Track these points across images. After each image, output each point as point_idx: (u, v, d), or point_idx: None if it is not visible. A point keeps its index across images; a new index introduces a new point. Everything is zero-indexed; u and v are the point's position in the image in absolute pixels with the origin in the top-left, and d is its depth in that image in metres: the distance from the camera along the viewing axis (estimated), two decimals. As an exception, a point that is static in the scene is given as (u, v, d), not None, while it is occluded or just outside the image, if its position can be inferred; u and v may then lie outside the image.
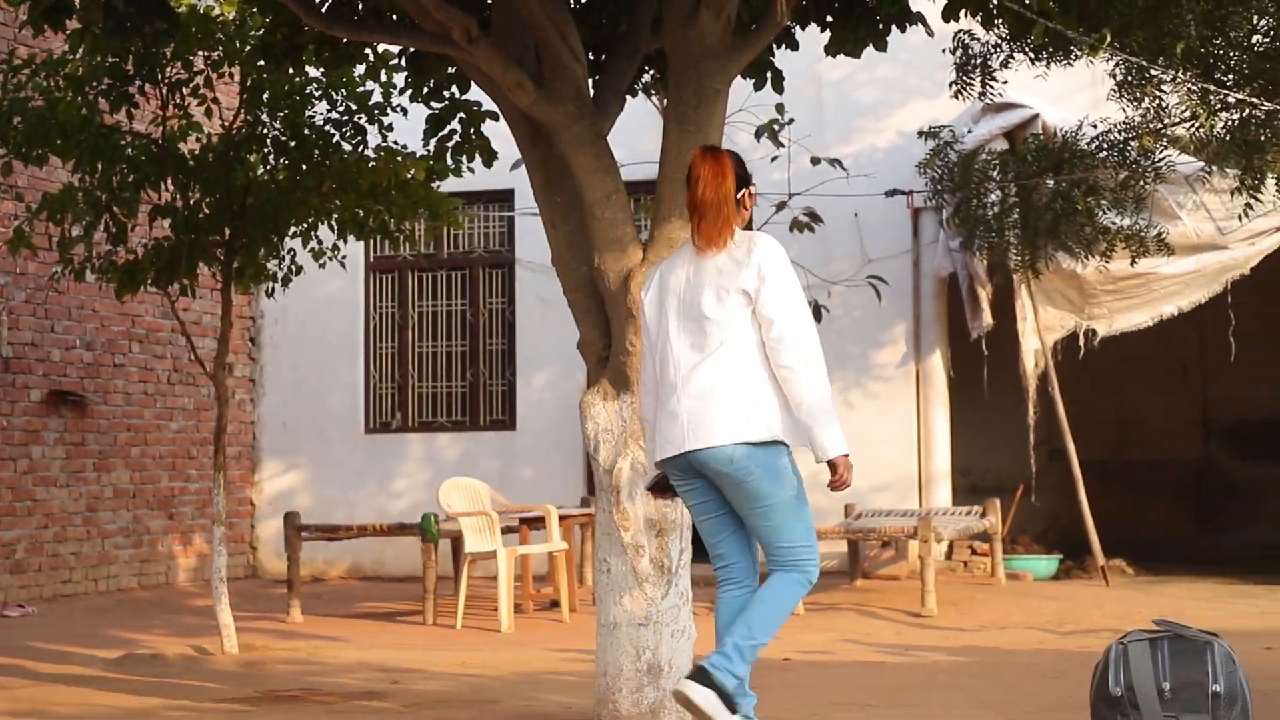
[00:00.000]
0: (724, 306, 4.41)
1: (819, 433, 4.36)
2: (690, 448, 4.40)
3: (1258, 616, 9.14)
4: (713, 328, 4.41)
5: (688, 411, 4.41)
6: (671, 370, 4.48)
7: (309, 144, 8.30)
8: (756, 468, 4.36)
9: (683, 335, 4.47)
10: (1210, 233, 10.83)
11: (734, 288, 4.40)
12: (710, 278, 4.44)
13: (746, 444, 4.34)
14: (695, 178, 4.46)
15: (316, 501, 12.70)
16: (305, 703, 6.48)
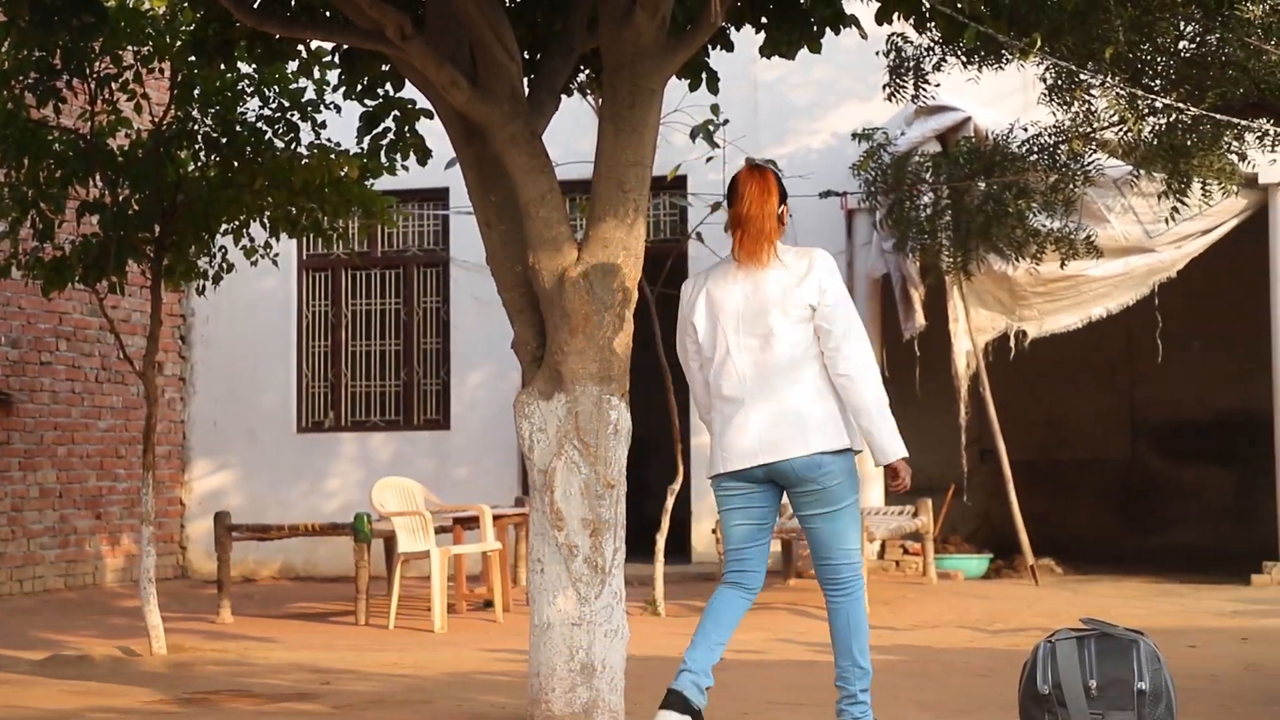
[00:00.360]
0: (790, 321, 4.62)
1: (880, 437, 4.62)
2: (769, 460, 4.62)
3: (1182, 615, 9.28)
4: (780, 343, 4.62)
5: (759, 426, 4.62)
6: (735, 385, 4.66)
7: (241, 141, 8.22)
8: (839, 473, 4.62)
9: (744, 351, 4.67)
10: (1138, 236, 10.98)
11: (799, 303, 4.61)
12: (774, 294, 4.64)
13: (829, 452, 4.60)
14: (741, 194, 4.68)
15: (247, 501, 12.60)
16: (235, 704, 6.42)
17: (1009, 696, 4.97)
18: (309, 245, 12.64)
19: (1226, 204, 10.34)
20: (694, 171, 11.28)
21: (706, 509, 11.91)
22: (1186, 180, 8.16)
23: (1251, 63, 7.31)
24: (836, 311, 4.62)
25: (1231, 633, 8.34)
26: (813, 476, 4.61)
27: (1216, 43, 7.47)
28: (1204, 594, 10.32)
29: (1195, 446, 14.09)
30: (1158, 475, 14.38)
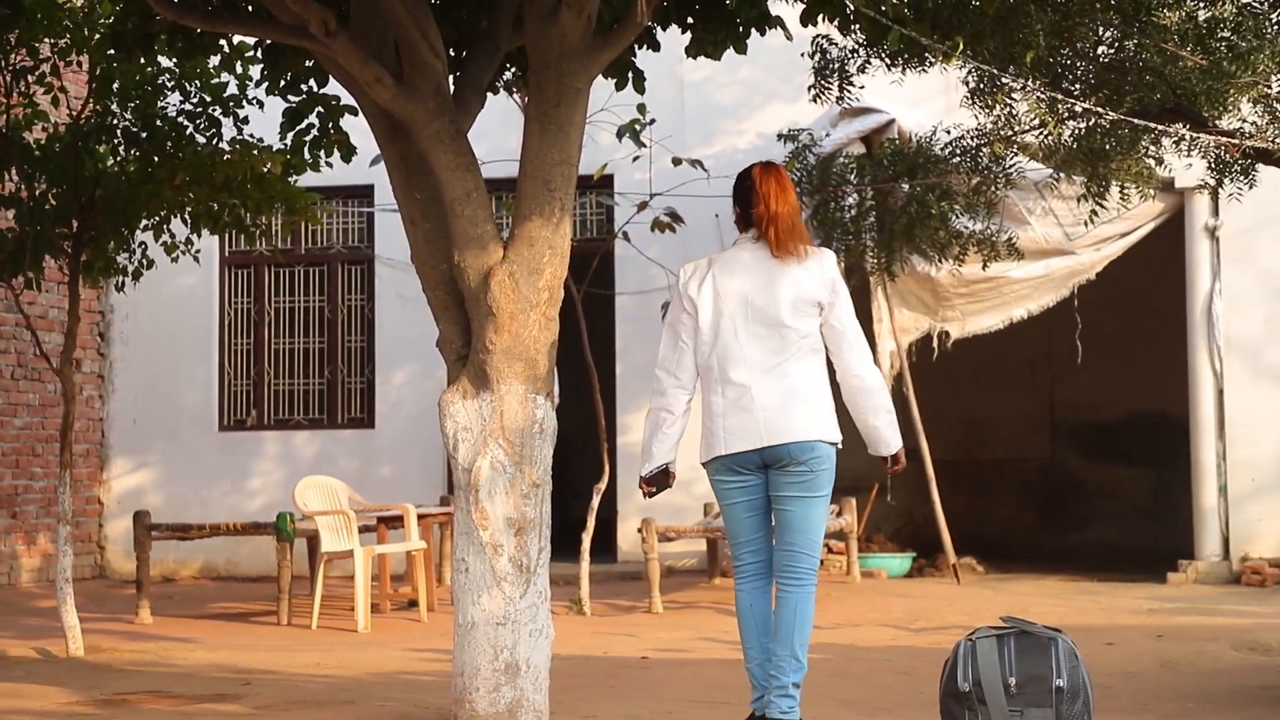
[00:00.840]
0: (800, 316, 4.80)
1: (887, 431, 4.90)
2: (774, 442, 4.77)
3: (1099, 612, 9.41)
4: (791, 334, 4.80)
5: (766, 409, 4.78)
6: (741, 370, 4.81)
7: (161, 135, 8.13)
8: (827, 462, 4.83)
9: (753, 338, 4.82)
10: (1058, 238, 11.12)
11: (810, 299, 4.80)
12: (785, 286, 4.80)
13: (826, 441, 4.81)
14: (762, 194, 4.86)
15: (168, 500, 12.45)
16: (153, 706, 6.33)
17: (930, 694, 5.01)
18: (231, 241, 12.53)
19: (1144, 207, 10.51)
20: (620, 171, 11.30)
21: (633, 509, 11.93)
22: (1105, 184, 8.27)
23: (1168, 68, 7.42)
24: (847, 313, 4.87)
25: (1147, 630, 8.47)
26: (806, 459, 4.78)
27: (1134, 48, 7.59)
28: (1121, 592, 10.47)
29: (1113, 446, 14.31)
30: (1076, 474, 14.58)
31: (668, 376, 4.95)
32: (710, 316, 4.87)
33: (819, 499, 4.84)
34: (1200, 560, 11.08)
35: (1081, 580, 11.24)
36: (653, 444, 4.96)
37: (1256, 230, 11.03)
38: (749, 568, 4.92)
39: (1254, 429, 11.08)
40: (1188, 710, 5.99)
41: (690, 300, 4.90)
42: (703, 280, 4.90)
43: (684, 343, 4.92)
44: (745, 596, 4.90)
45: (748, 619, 4.88)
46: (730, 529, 4.96)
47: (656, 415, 4.96)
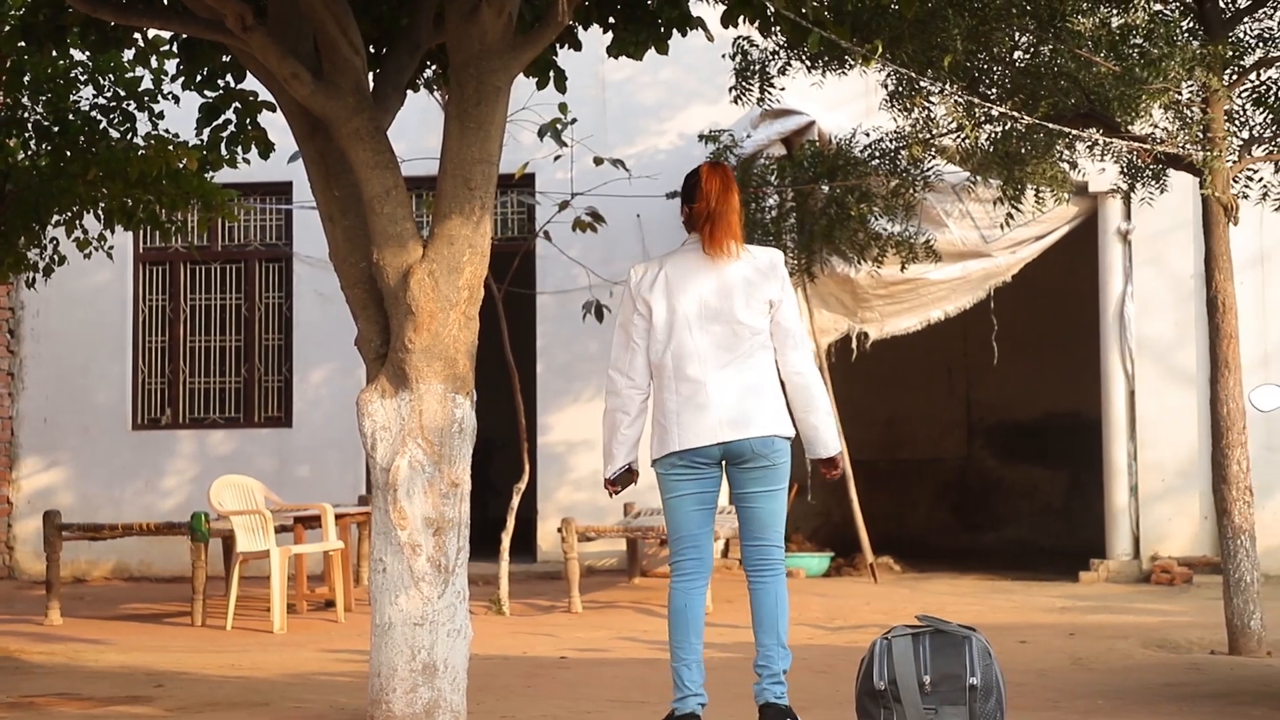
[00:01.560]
0: (752, 313, 4.87)
1: (826, 432, 4.97)
2: (735, 437, 4.82)
3: (1014, 611, 9.54)
4: (744, 331, 4.86)
5: (722, 405, 4.83)
6: (696, 367, 4.85)
7: (74, 130, 8.00)
8: (787, 456, 4.89)
9: (706, 335, 4.86)
10: (975, 241, 11.25)
11: (761, 297, 4.88)
12: (739, 285, 4.87)
13: (782, 436, 4.86)
14: (706, 191, 4.93)
15: (80, 500, 12.26)
16: (62, 708, 6.23)
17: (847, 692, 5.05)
18: (146, 238, 12.36)
19: (1058, 211, 10.66)
20: (542, 170, 11.28)
21: (552, 508, 11.91)
22: (1021, 187, 8.38)
23: (1082, 74, 7.54)
24: (794, 312, 4.96)
25: (1060, 628, 8.59)
26: (766, 454, 4.84)
27: (1049, 54, 7.70)
28: (1035, 591, 10.61)
29: (1028, 447, 14.50)
30: (992, 475, 14.76)
31: (621, 377, 4.95)
32: (664, 315, 4.89)
33: (780, 491, 4.92)
34: (1112, 559, 11.26)
35: (997, 579, 11.38)
36: (613, 446, 4.97)
37: (1167, 234, 11.22)
38: (688, 565, 4.92)
39: (1164, 430, 11.27)
40: (1098, 707, 6.08)
41: (643, 300, 4.92)
42: (655, 279, 4.92)
43: (636, 343, 4.93)
44: (680, 596, 4.90)
45: (681, 619, 4.88)
46: (674, 526, 4.95)
47: (613, 417, 4.96)
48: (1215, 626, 7.89)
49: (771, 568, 4.91)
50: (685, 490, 4.89)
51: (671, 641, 4.89)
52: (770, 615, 4.86)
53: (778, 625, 4.86)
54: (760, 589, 4.89)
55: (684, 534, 4.93)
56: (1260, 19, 7.92)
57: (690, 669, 4.85)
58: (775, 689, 4.83)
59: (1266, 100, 7.75)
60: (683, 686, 4.85)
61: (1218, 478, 7.63)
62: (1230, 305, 7.65)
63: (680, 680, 4.86)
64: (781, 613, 4.88)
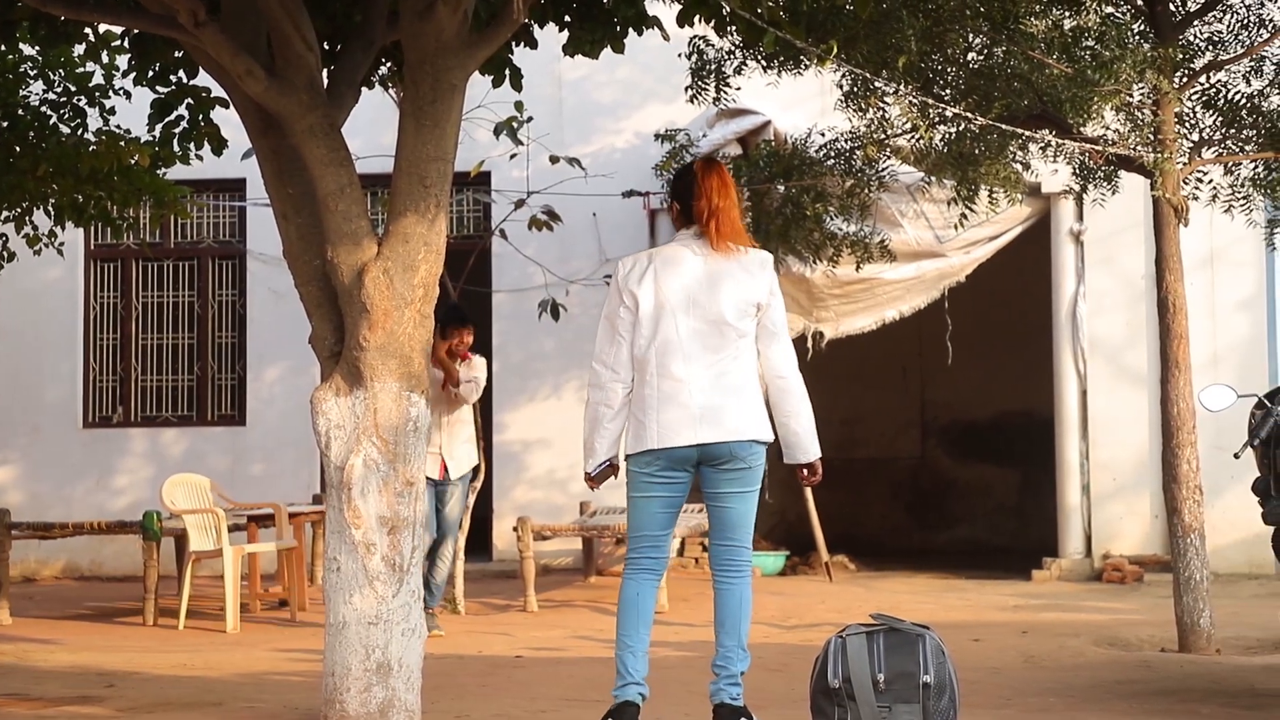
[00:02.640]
0: (740, 314, 4.84)
1: (808, 439, 4.94)
2: (714, 439, 4.79)
3: (967, 609, 9.59)
4: (730, 332, 4.83)
5: (704, 406, 4.80)
6: (680, 365, 4.81)
7: (23, 125, 7.92)
8: (761, 459, 4.88)
9: (693, 334, 4.83)
10: (929, 241, 11.31)
11: (751, 299, 4.84)
12: (728, 285, 4.83)
13: (761, 440, 4.85)
14: (704, 189, 4.88)
15: (29, 499, 12.15)
16: (11, 709, 6.17)
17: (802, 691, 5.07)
18: (97, 235, 12.25)
19: (1012, 211, 10.73)
20: (497, 168, 11.25)
21: (509, 507, 11.89)
22: (974, 188, 8.43)
23: (1035, 75, 7.59)
24: (781, 316, 4.92)
25: (1013, 626, 8.65)
26: (743, 456, 4.82)
27: (1003, 55, 7.75)
28: (988, 589, 10.68)
29: (981, 446, 14.59)
30: (946, 474, 14.85)
31: (605, 370, 4.92)
32: (651, 310, 4.85)
33: (753, 494, 4.92)
34: (1064, 558, 11.35)
35: (950, 578, 11.44)
36: (595, 440, 4.93)
37: (1119, 235, 11.32)
38: (644, 562, 4.92)
39: (1116, 430, 11.37)
40: (1050, 705, 6.12)
41: (630, 294, 4.88)
42: (644, 274, 4.89)
43: (621, 336, 4.90)
44: (633, 586, 4.88)
45: (631, 609, 4.86)
46: (636, 524, 4.92)
47: (595, 410, 4.93)
48: (1166, 624, 7.97)
49: (739, 569, 4.89)
50: (654, 493, 4.87)
51: (619, 630, 4.87)
52: (733, 617, 4.86)
53: (740, 627, 4.85)
54: (725, 589, 4.88)
55: (645, 533, 4.92)
56: (1210, 22, 8.00)
57: (635, 656, 4.82)
58: (731, 689, 4.83)
59: (1216, 103, 7.83)
60: (625, 674, 4.82)
61: (1168, 477, 7.70)
62: (1180, 306, 7.72)
63: (624, 667, 4.82)
64: (745, 615, 4.87)
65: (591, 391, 4.96)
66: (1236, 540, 10.97)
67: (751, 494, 4.90)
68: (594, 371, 4.96)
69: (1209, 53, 7.94)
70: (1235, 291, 11.38)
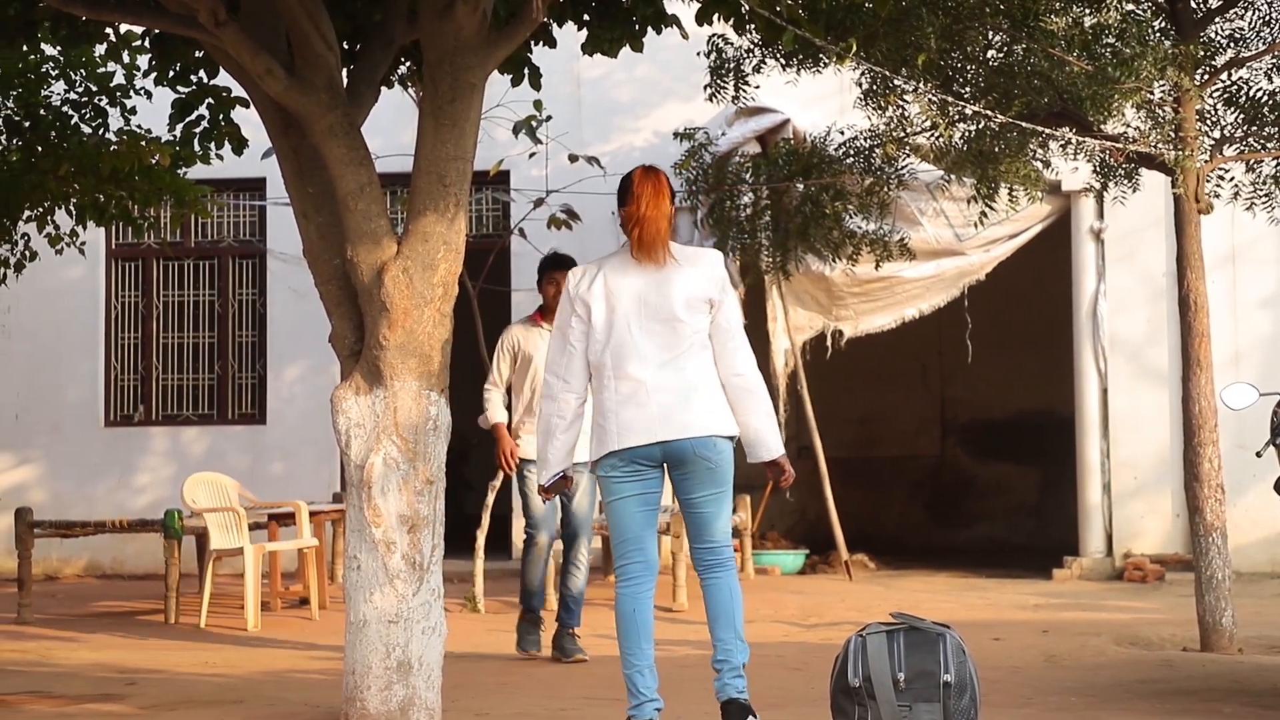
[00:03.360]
0: (693, 313, 4.84)
1: (769, 434, 4.90)
2: (670, 437, 4.78)
3: (987, 608, 9.57)
4: (685, 330, 4.84)
5: (662, 405, 4.79)
6: (636, 365, 4.81)
7: (45, 125, 7.96)
8: (728, 455, 4.85)
9: (647, 335, 4.83)
10: (949, 239, 11.28)
11: (702, 297, 4.85)
12: (677, 283, 4.84)
13: (725, 436, 4.83)
14: (637, 195, 4.90)
15: (51, 497, 12.20)
16: (34, 706, 6.20)
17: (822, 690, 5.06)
18: (118, 234, 12.30)
19: (1032, 209, 10.70)
20: (516, 167, 11.25)
21: (526, 505, 11.88)
22: (994, 186, 8.40)
23: (1055, 73, 7.56)
24: (734, 313, 4.91)
25: (1033, 625, 8.62)
26: (708, 455, 4.80)
27: (1022, 53, 7.72)
28: (1008, 588, 10.65)
29: (1001, 445, 14.54)
30: (966, 472, 14.80)
31: (557, 380, 4.91)
32: (604, 314, 4.85)
33: (724, 493, 4.88)
34: (1085, 557, 11.31)
35: (970, 576, 11.41)
36: (547, 452, 4.91)
37: (1140, 232, 11.27)
38: (634, 569, 4.88)
39: (1137, 428, 11.33)
40: (1070, 704, 6.11)
41: (582, 301, 4.88)
42: (594, 280, 4.89)
43: (573, 346, 4.89)
44: (628, 601, 4.85)
45: (630, 624, 4.84)
46: (617, 529, 4.89)
47: (548, 421, 4.91)
48: (1187, 623, 7.93)
49: (722, 564, 4.87)
50: (627, 492, 4.84)
51: (622, 648, 4.85)
52: (726, 610, 4.84)
53: (734, 619, 4.84)
54: (714, 585, 4.87)
55: (628, 536, 4.88)
56: (1231, 19, 7.96)
57: (644, 674, 4.81)
58: (737, 683, 4.83)
59: (1237, 100, 7.79)
60: (638, 693, 4.81)
61: (1190, 475, 7.66)
62: (1202, 304, 7.69)
63: (634, 687, 4.81)
64: (736, 606, 4.85)
65: (544, 404, 4.96)
66: (1259, 539, 10.93)
67: (723, 494, 4.86)
68: (546, 383, 4.96)
69: (1230, 50, 7.90)
70: (1257, 289, 11.32)
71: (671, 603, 9.54)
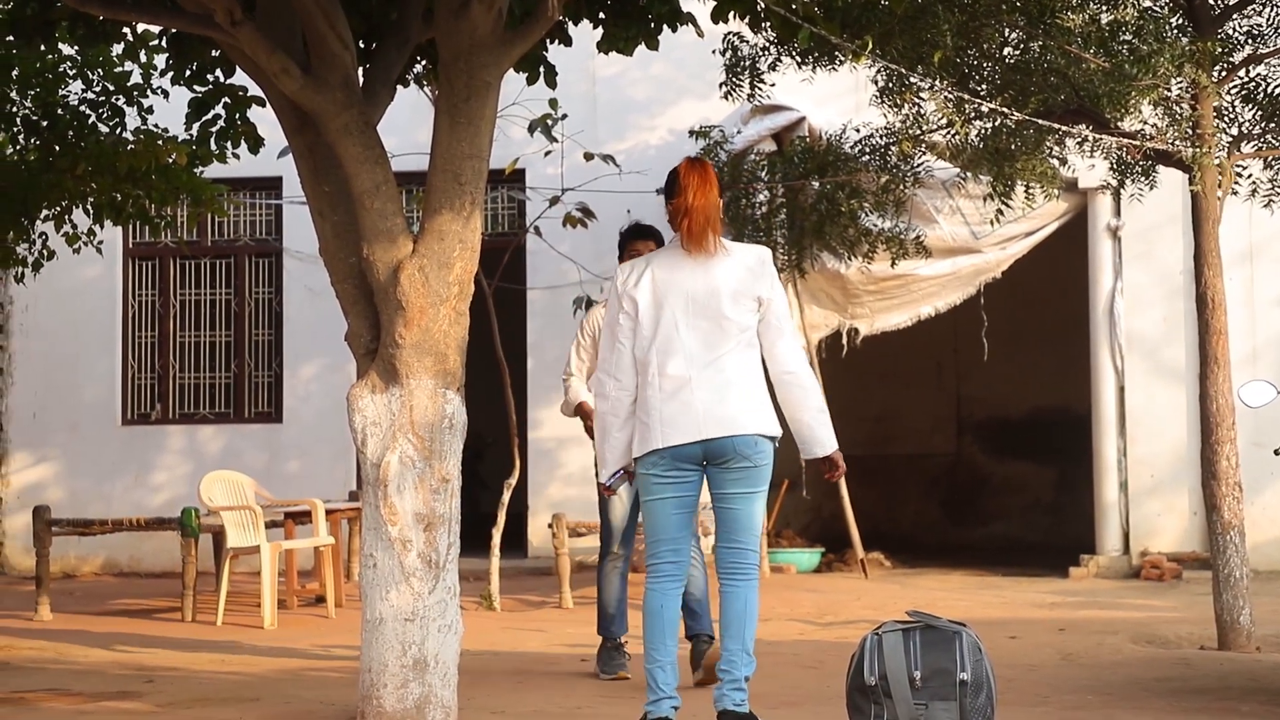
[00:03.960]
0: (740, 309, 4.82)
1: (823, 431, 4.92)
2: (716, 434, 4.76)
3: (1002, 606, 9.55)
4: (732, 328, 4.82)
5: (706, 402, 4.77)
6: (680, 363, 4.80)
7: (63, 124, 7.98)
8: (769, 456, 4.85)
9: (693, 331, 4.82)
10: (965, 237, 11.26)
11: (750, 294, 4.83)
12: (726, 281, 4.83)
13: (766, 435, 4.83)
14: (685, 186, 4.88)
15: (69, 495, 12.24)
16: (52, 704, 6.22)
17: (837, 688, 5.06)
18: (135, 233, 12.34)
19: (1048, 207, 10.66)
20: (532, 165, 11.26)
21: (543, 504, 11.91)
22: (1010, 183, 8.38)
23: (1072, 70, 7.54)
24: (784, 311, 4.90)
25: (1050, 624, 8.60)
26: (749, 454, 4.78)
27: (1039, 50, 7.70)
28: (1024, 586, 10.63)
29: (1017, 442, 14.52)
30: (982, 470, 14.78)
31: (609, 379, 4.92)
32: (651, 310, 4.85)
33: (760, 494, 4.86)
34: (1101, 555, 11.28)
35: (986, 575, 11.39)
36: (605, 451, 4.92)
37: (1157, 230, 11.24)
38: (665, 568, 4.88)
39: (1153, 426, 11.29)
40: (1087, 702, 6.09)
41: (630, 299, 4.89)
42: (640, 276, 4.91)
43: (622, 344, 4.89)
44: (657, 598, 4.85)
45: (657, 620, 4.84)
46: (653, 526, 4.90)
47: (604, 420, 4.92)
48: (1205, 622, 7.91)
49: (745, 572, 4.85)
50: (666, 494, 4.84)
51: (646, 643, 4.85)
52: (738, 621, 4.82)
53: (745, 631, 4.81)
54: (731, 593, 4.85)
55: (663, 536, 4.89)
56: (1249, 15, 7.93)
57: (665, 670, 4.81)
58: (735, 695, 4.79)
59: (1255, 97, 7.76)
60: (657, 689, 4.81)
61: (1207, 473, 7.64)
62: (1220, 301, 7.66)
63: (655, 682, 4.82)
64: (750, 619, 4.82)
65: (599, 402, 4.97)
66: (1276, 537, 10.89)
67: (758, 494, 4.84)
68: (599, 382, 4.97)
69: (1248, 46, 7.87)
70: (1275, 286, 11.28)
71: (687, 601, 9.54)
